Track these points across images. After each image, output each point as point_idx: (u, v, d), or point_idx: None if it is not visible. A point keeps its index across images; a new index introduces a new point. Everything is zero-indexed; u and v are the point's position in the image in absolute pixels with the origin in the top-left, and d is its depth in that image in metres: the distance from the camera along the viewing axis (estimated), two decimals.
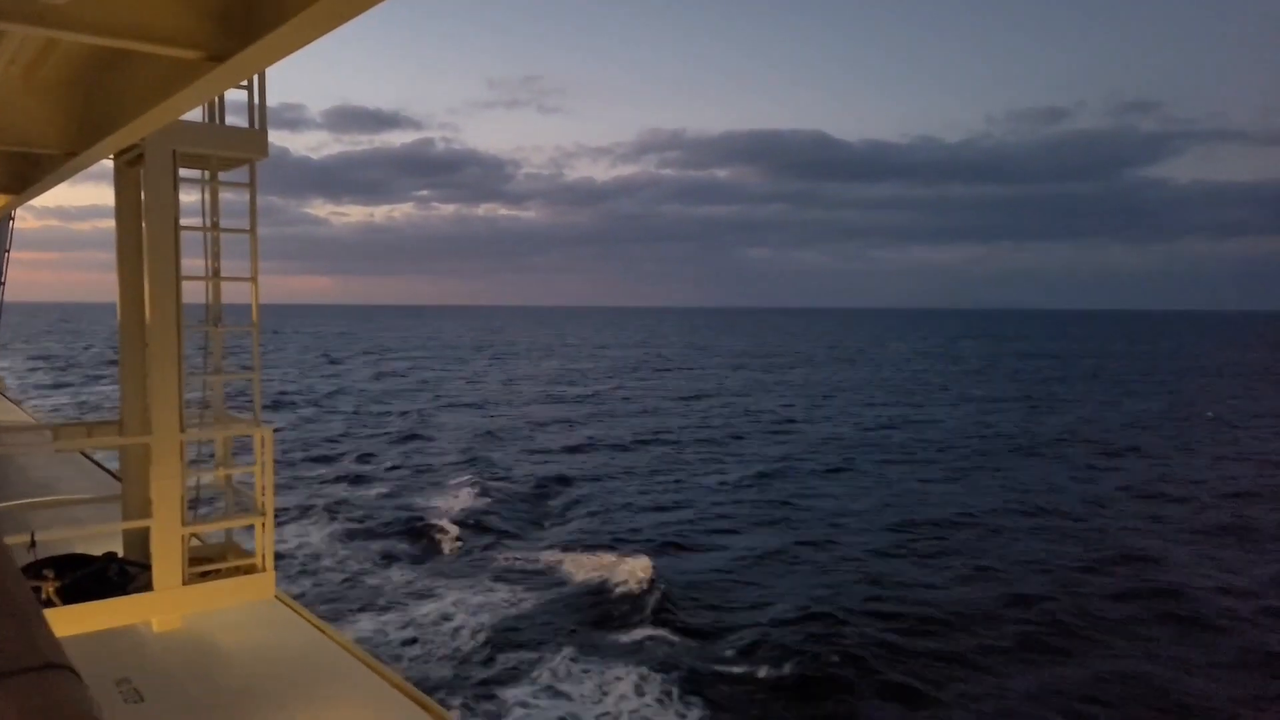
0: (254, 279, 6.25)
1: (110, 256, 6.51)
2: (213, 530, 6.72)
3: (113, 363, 47.75)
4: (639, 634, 15.00)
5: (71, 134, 5.17)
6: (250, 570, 6.37)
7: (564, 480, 28.65)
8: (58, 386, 55.42)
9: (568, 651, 14.04)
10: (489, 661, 13.96)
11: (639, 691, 12.74)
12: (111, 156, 6.26)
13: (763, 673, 13.43)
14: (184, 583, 6.06)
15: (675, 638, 14.89)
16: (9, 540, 5.64)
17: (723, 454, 34.75)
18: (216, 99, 6.06)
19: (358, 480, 28.48)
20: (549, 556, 19.79)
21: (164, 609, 6.14)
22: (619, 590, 16.85)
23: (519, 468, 30.84)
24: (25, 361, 72.92)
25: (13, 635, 1.40)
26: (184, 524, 6.02)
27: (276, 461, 6.55)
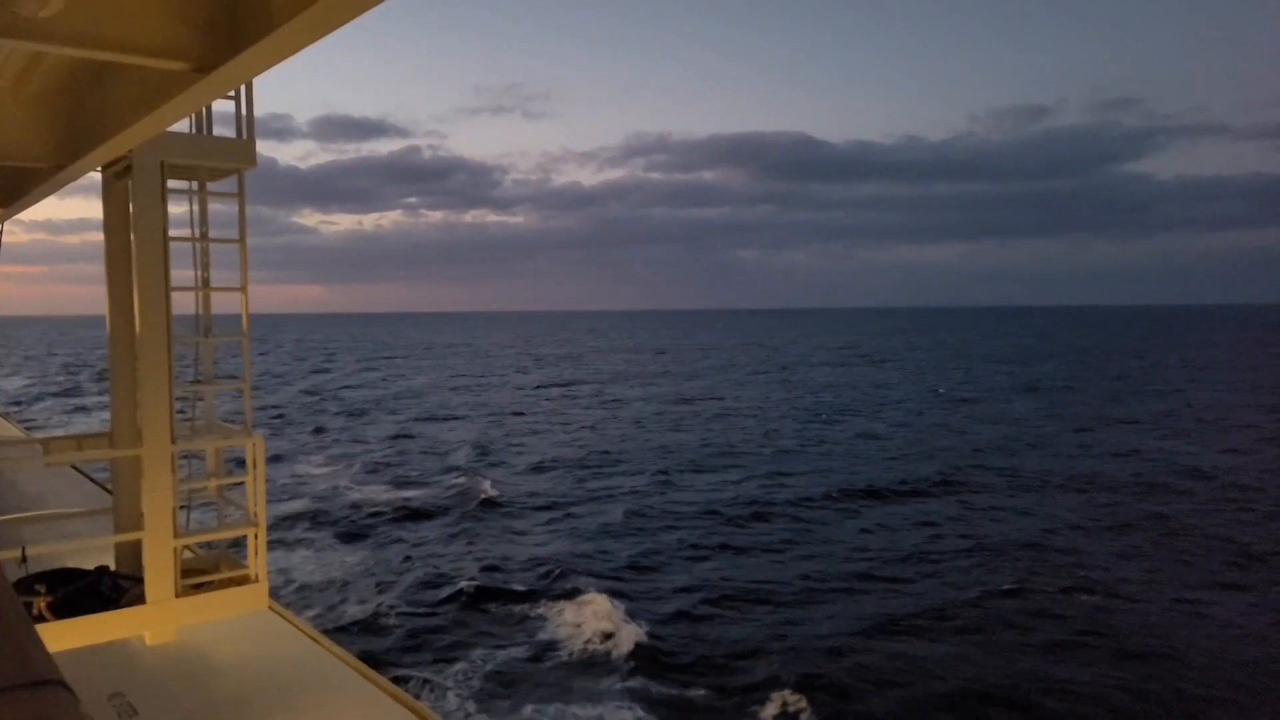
0: (244, 289, 6.24)
1: (99, 269, 6.50)
2: (205, 542, 6.70)
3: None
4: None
5: (59, 147, 5.16)
6: (243, 581, 6.35)
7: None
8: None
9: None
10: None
11: None
12: (99, 169, 6.25)
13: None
14: (177, 595, 6.03)
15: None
16: (0, 555, 5.62)
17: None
18: (204, 110, 6.06)
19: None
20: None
21: (157, 622, 6.11)
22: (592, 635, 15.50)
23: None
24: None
25: (4, 651, 1.40)
26: (176, 536, 6.00)
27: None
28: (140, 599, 5.95)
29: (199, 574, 6.33)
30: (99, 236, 6.45)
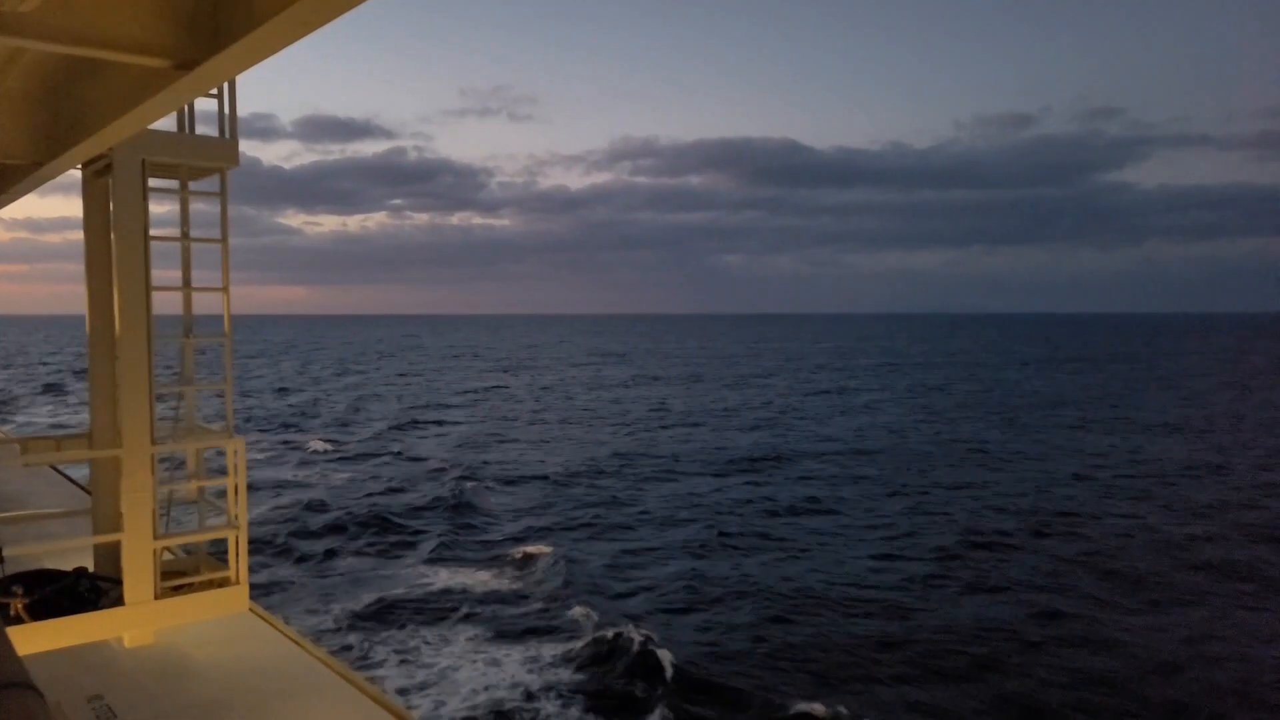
0: (225, 289, 6.20)
1: (81, 268, 6.44)
2: (185, 543, 6.64)
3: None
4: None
5: (38, 143, 5.11)
6: (224, 583, 6.30)
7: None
8: None
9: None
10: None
11: None
12: (79, 166, 6.20)
13: None
14: (156, 597, 5.98)
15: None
16: None
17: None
18: (186, 108, 6.01)
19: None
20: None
21: (136, 624, 6.05)
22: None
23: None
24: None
25: None
26: (156, 537, 5.95)
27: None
28: (119, 601, 5.90)
29: (179, 575, 6.28)
30: (79, 235, 6.40)
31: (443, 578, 19.11)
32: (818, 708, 12.56)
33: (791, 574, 19.33)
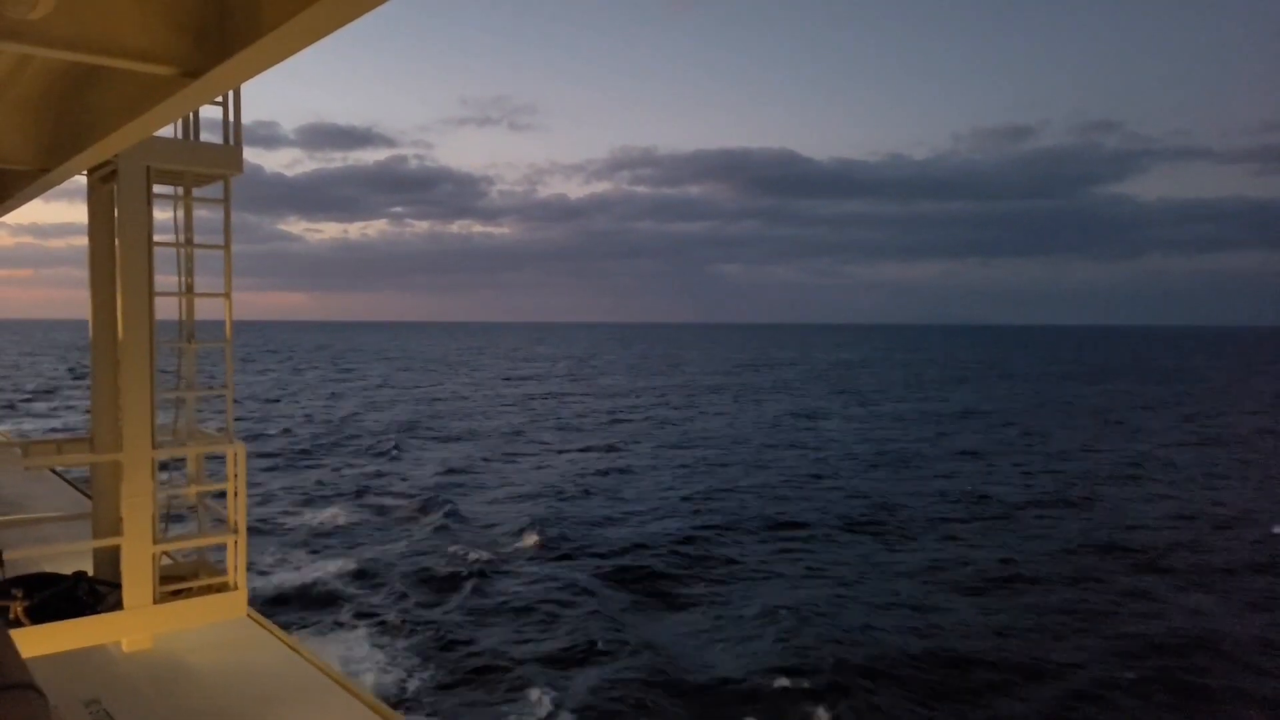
0: (228, 295, 6.23)
1: (84, 273, 6.47)
2: (184, 548, 6.65)
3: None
4: None
5: (44, 150, 5.15)
6: (222, 589, 6.31)
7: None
8: None
9: None
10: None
11: None
12: (85, 173, 6.24)
13: None
14: (155, 602, 5.99)
15: None
16: None
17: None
18: (191, 115, 6.05)
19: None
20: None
21: (134, 628, 6.06)
22: None
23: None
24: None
25: None
26: (155, 542, 5.97)
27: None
28: (118, 605, 5.91)
29: (177, 580, 6.29)
30: (84, 240, 6.43)
31: None
32: None
33: None
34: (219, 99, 6.02)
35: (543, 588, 18.78)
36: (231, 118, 6.07)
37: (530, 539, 22.67)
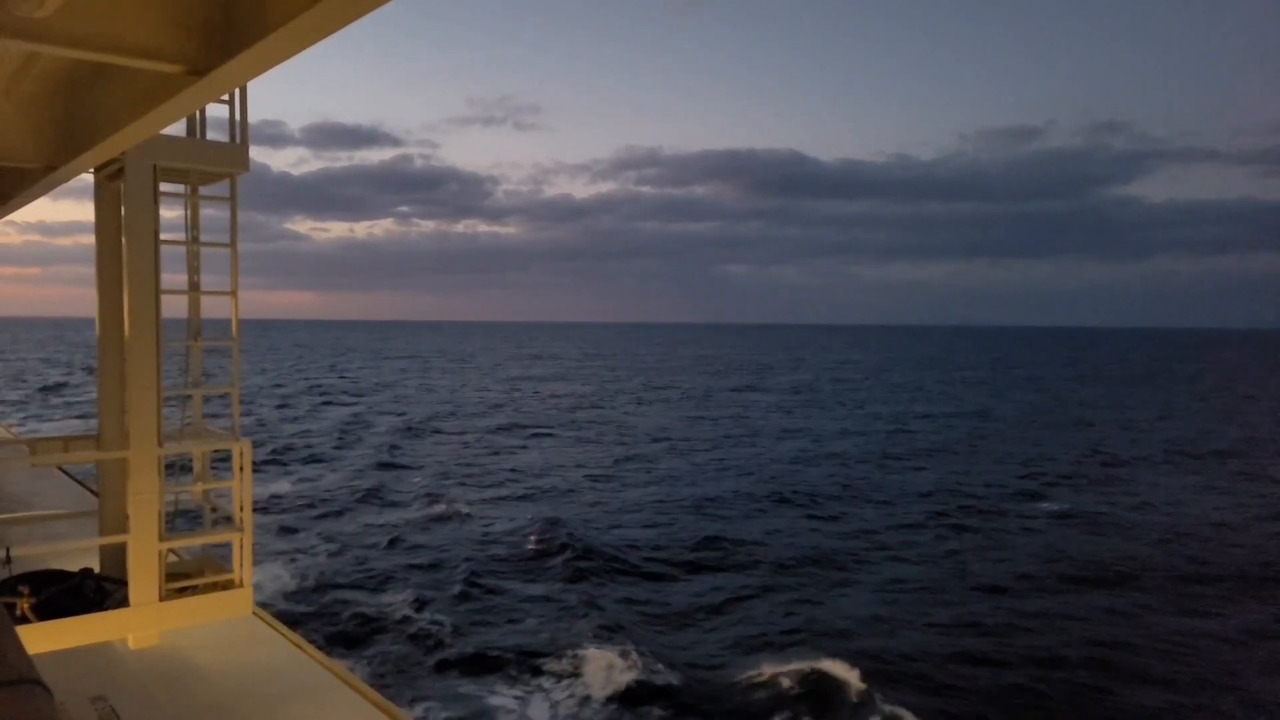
0: (234, 293, 6.24)
1: (91, 271, 6.49)
2: (190, 545, 6.66)
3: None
4: None
5: (51, 148, 5.16)
6: (228, 586, 6.32)
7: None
8: None
9: None
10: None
11: None
12: (92, 171, 6.25)
13: None
14: (161, 599, 6.00)
15: None
16: None
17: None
18: (198, 113, 6.06)
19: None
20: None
21: (140, 625, 6.07)
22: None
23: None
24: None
25: None
26: (161, 539, 5.98)
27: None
28: (124, 602, 5.92)
29: (183, 577, 6.30)
30: (91, 239, 6.45)
31: None
32: None
33: None
34: (225, 97, 6.03)
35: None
36: (238, 116, 6.08)
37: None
